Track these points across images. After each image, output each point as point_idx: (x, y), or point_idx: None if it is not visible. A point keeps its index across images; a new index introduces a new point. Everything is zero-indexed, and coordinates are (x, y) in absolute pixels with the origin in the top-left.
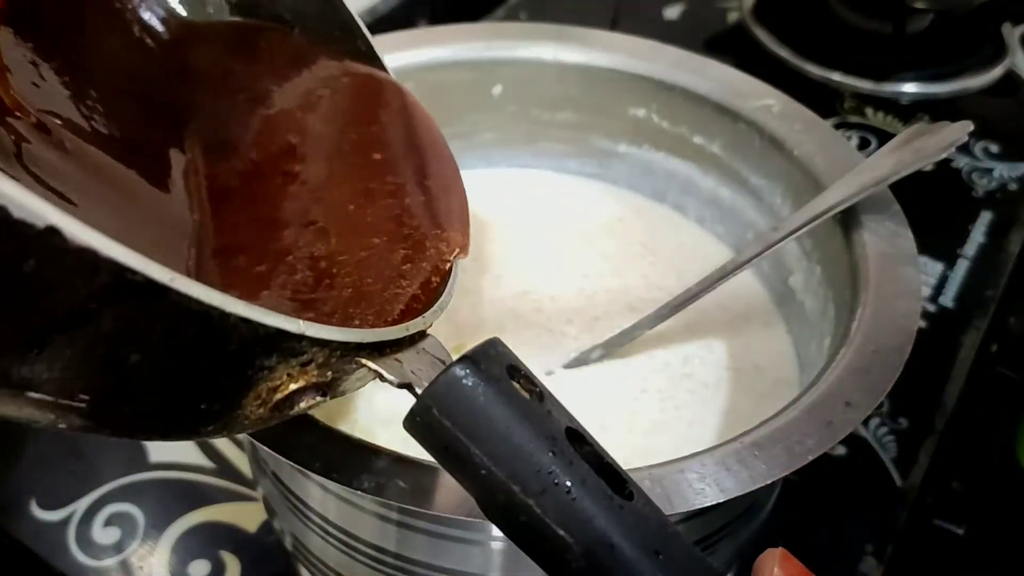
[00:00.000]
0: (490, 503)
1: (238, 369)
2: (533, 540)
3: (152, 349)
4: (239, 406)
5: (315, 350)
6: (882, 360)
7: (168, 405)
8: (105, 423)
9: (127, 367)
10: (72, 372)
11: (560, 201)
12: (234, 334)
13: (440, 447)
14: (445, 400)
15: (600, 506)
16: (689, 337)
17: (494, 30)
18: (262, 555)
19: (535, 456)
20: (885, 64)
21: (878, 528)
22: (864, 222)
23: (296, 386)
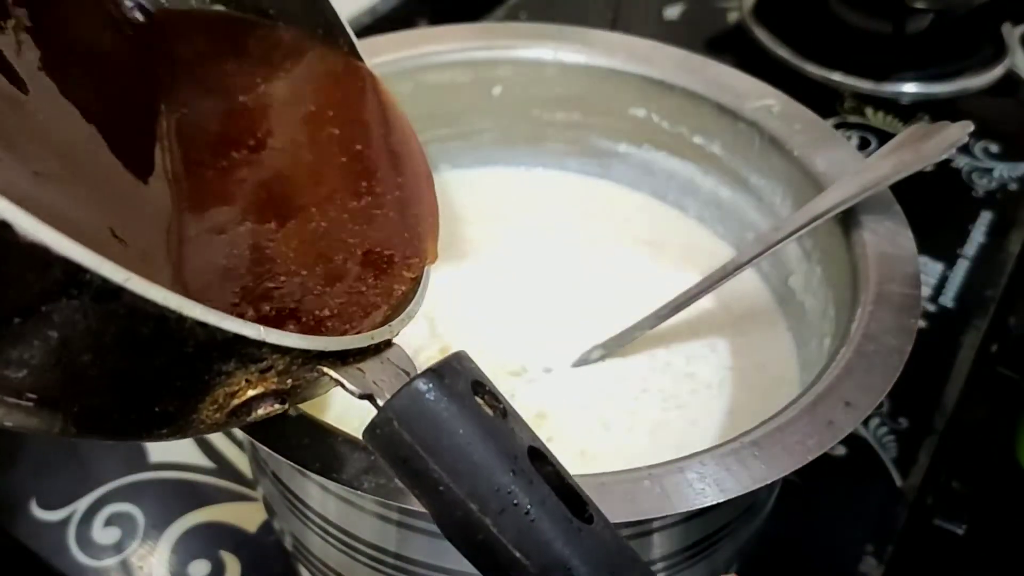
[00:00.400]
0: (447, 520)
1: (194, 373)
2: (488, 560)
3: (104, 349)
4: (194, 410)
5: (275, 357)
6: (882, 360)
7: (120, 406)
8: (52, 422)
9: (78, 367)
10: (19, 370)
11: (562, 199)
12: (191, 337)
13: (399, 460)
14: (406, 413)
15: (558, 529)
16: (692, 336)
17: (494, 30)
18: (262, 555)
19: (495, 475)
20: (885, 64)
21: (878, 528)
22: (864, 222)
23: (254, 392)
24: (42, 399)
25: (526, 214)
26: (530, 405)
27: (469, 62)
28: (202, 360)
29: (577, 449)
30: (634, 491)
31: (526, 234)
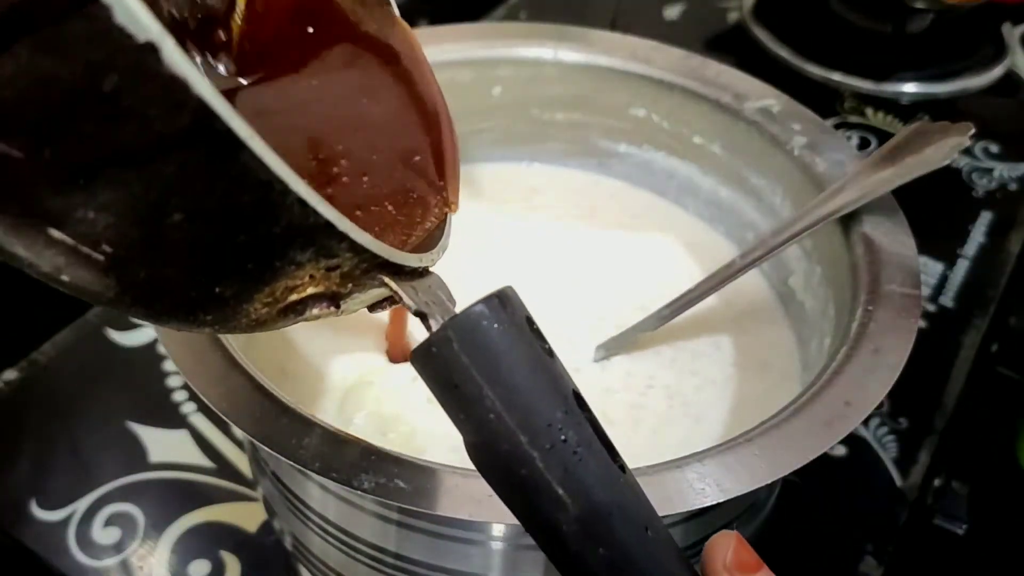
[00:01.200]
0: (489, 451)
1: (271, 256)
2: (527, 497)
3: (200, 211)
4: (250, 299)
5: (348, 256)
6: (882, 360)
7: (185, 279)
8: (109, 286)
9: (166, 226)
10: (108, 217)
11: (564, 196)
12: (285, 215)
13: (449, 384)
14: (468, 335)
15: (602, 472)
16: (697, 334)
17: (494, 30)
18: (262, 555)
19: (548, 409)
20: (885, 64)
21: (878, 528)
22: (864, 222)
23: (314, 291)
24: (115, 256)
25: (528, 210)
26: None
27: (469, 62)
28: (284, 243)
29: None
30: None
31: (527, 230)
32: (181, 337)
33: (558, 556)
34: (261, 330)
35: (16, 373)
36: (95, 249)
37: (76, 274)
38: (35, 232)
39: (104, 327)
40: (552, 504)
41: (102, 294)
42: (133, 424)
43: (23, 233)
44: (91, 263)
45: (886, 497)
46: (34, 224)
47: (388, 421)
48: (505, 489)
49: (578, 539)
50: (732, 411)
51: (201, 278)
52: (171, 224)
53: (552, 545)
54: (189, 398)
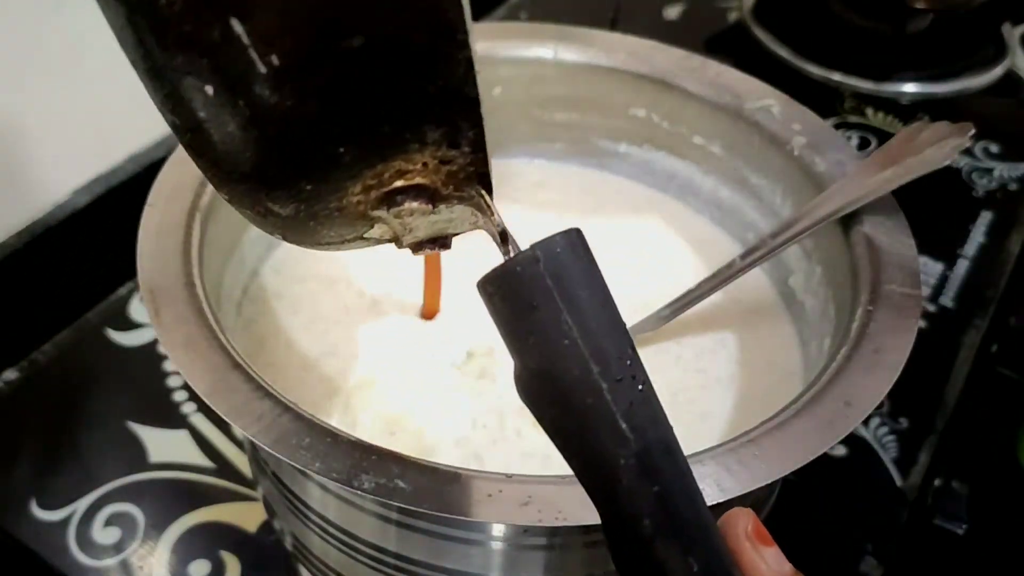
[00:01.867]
0: (555, 378)
1: (410, 120)
2: (588, 428)
3: (379, 37)
4: (360, 174)
5: (466, 151)
6: (882, 360)
7: (324, 120)
8: (250, 110)
9: (343, 45)
10: (291, 19)
11: (568, 192)
12: (451, 70)
13: (528, 305)
14: (556, 258)
15: (659, 411)
16: (702, 331)
17: (494, 30)
18: (262, 555)
19: (620, 343)
20: (885, 64)
21: (878, 528)
22: (864, 222)
23: (421, 181)
24: (279, 69)
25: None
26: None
27: None
28: (429, 109)
29: None
30: None
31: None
32: (181, 337)
33: (608, 493)
34: (333, 230)
35: (16, 373)
36: (263, 56)
37: (225, 85)
38: (214, 16)
39: (104, 327)
40: (613, 437)
41: (230, 126)
42: (133, 424)
43: (203, 15)
44: (249, 75)
45: (886, 497)
46: (218, 7)
47: (395, 420)
48: (563, 421)
49: (633, 474)
50: (737, 409)
51: (336, 128)
52: (347, 47)
53: (604, 481)
54: (189, 398)
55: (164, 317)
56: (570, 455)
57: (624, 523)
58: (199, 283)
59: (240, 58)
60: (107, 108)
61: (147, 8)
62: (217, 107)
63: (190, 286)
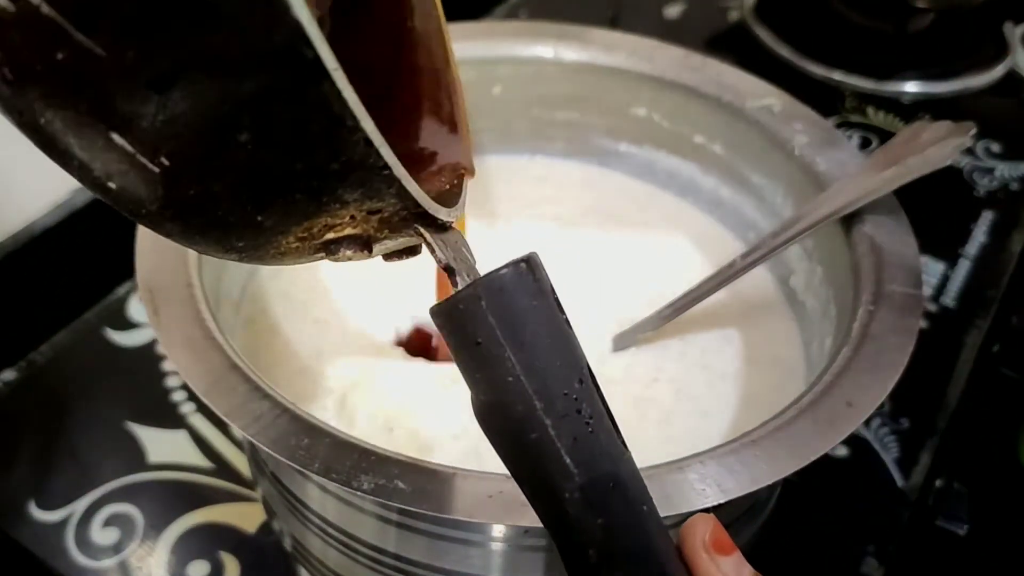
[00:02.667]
0: (502, 412)
1: (322, 189)
2: (534, 461)
3: (267, 134)
4: (288, 231)
5: (393, 202)
6: (884, 360)
7: (233, 201)
8: (156, 198)
9: (231, 144)
10: (175, 128)
11: (569, 187)
12: (347, 152)
13: (471, 341)
14: (497, 296)
15: (611, 446)
16: (706, 328)
17: (494, 29)
18: (261, 556)
19: (567, 378)
20: (887, 63)
21: (879, 529)
22: (865, 221)
23: (351, 232)
24: (171, 169)
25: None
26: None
27: (469, 61)
28: (338, 179)
29: None
30: None
31: (530, 224)
32: (180, 338)
33: (556, 522)
34: (284, 263)
35: (15, 373)
36: (153, 159)
37: (125, 182)
38: (96, 134)
39: (103, 327)
40: (558, 471)
41: (143, 205)
42: (132, 424)
43: (84, 133)
44: (144, 173)
45: (887, 498)
46: (98, 125)
47: (393, 417)
48: (512, 451)
49: (578, 507)
50: (741, 406)
51: (249, 203)
52: (236, 143)
53: (551, 511)
54: (188, 398)
55: (163, 317)
56: (520, 483)
57: (572, 552)
58: (198, 283)
59: (130, 161)
60: None
61: (32, 124)
62: (124, 198)
63: (189, 286)
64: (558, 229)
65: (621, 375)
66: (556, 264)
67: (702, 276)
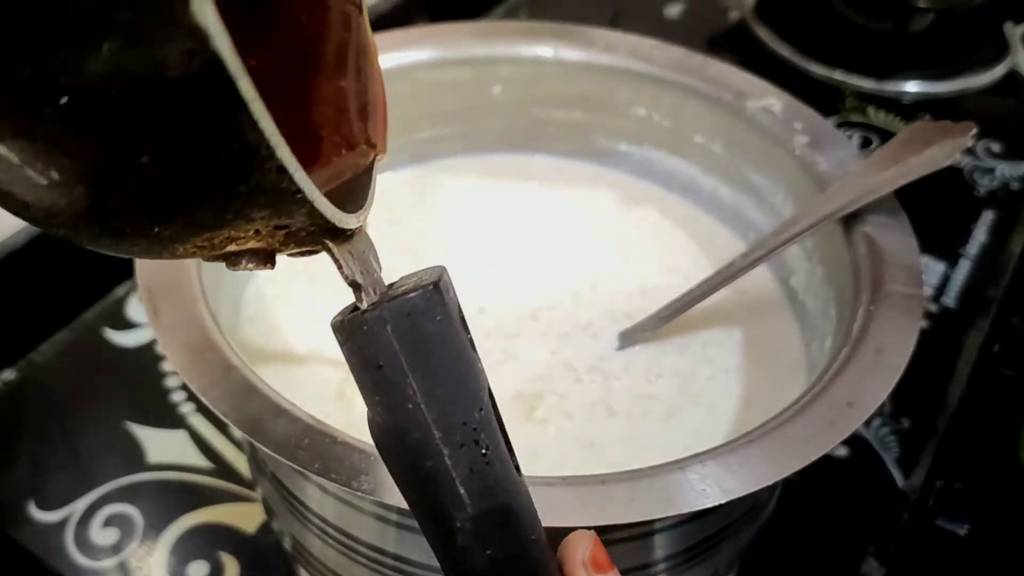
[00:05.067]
0: (398, 437)
1: (225, 209)
2: (427, 489)
3: (172, 158)
4: (186, 241)
5: (302, 220)
6: (884, 360)
7: (128, 215)
8: (42, 207)
9: (131, 164)
10: (71, 144)
11: (569, 185)
12: (257, 177)
13: (372, 364)
14: (403, 322)
15: (505, 475)
16: (708, 323)
17: (494, 28)
18: (261, 556)
19: (468, 408)
20: (887, 63)
21: (880, 529)
22: (866, 222)
23: (255, 246)
24: (61, 183)
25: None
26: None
27: (469, 60)
28: (244, 200)
29: (586, 438)
30: (635, 491)
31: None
32: (180, 338)
33: (443, 549)
34: (184, 259)
35: (14, 373)
36: (42, 173)
37: (16, 189)
38: None
39: (102, 327)
40: (451, 500)
41: (26, 211)
42: (131, 424)
43: None
44: (30, 183)
45: (888, 498)
46: None
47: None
48: (405, 476)
49: (468, 537)
50: (743, 401)
51: (145, 218)
52: (136, 164)
53: (440, 539)
54: (187, 398)
55: (162, 317)
56: (412, 508)
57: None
58: (197, 282)
59: (17, 172)
60: None
61: None
62: (13, 204)
63: (189, 286)
64: (558, 229)
65: (624, 372)
66: (557, 264)
67: (703, 276)
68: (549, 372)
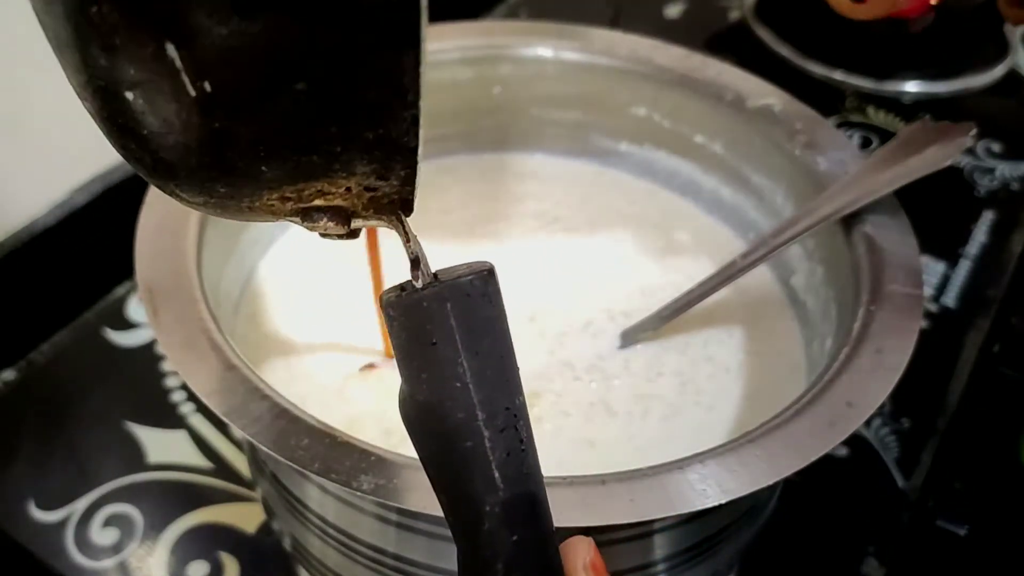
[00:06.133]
0: (440, 416)
1: (341, 156)
2: (460, 471)
3: (326, 87)
4: (280, 187)
5: (395, 184)
6: (884, 360)
7: (247, 146)
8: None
9: (285, 86)
10: (240, 55)
11: (569, 184)
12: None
13: (426, 342)
14: (464, 301)
15: (536, 465)
16: (709, 321)
17: (494, 28)
18: (261, 556)
19: (513, 393)
20: (887, 63)
21: (880, 529)
22: (866, 222)
23: (340, 203)
24: (209, 97)
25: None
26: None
27: (469, 60)
28: (365, 150)
29: (585, 438)
30: (635, 491)
31: (533, 221)
32: (179, 337)
33: (467, 532)
34: (246, 219)
35: (14, 373)
36: (196, 82)
37: (149, 97)
38: (149, 39)
39: (102, 327)
40: (484, 483)
41: (150, 127)
42: (131, 424)
43: (135, 35)
44: (178, 95)
45: (888, 498)
46: (156, 31)
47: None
48: (439, 455)
49: (496, 521)
50: (745, 400)
51: (265, 152)
52: (290, 90)
53: (466, 521)
54: (187, 398)
55: (162, 317)
56: (440, 489)
57: (479, 562)
58: (197, 282)
59: (169, 78)
60: None
61: (77, 14)
62: (131, 112)
63: (188, 285)
64: (559, 229)
65: (623, 371)
66: (556, 263)
67: (703, 275)
68: (547, 371)
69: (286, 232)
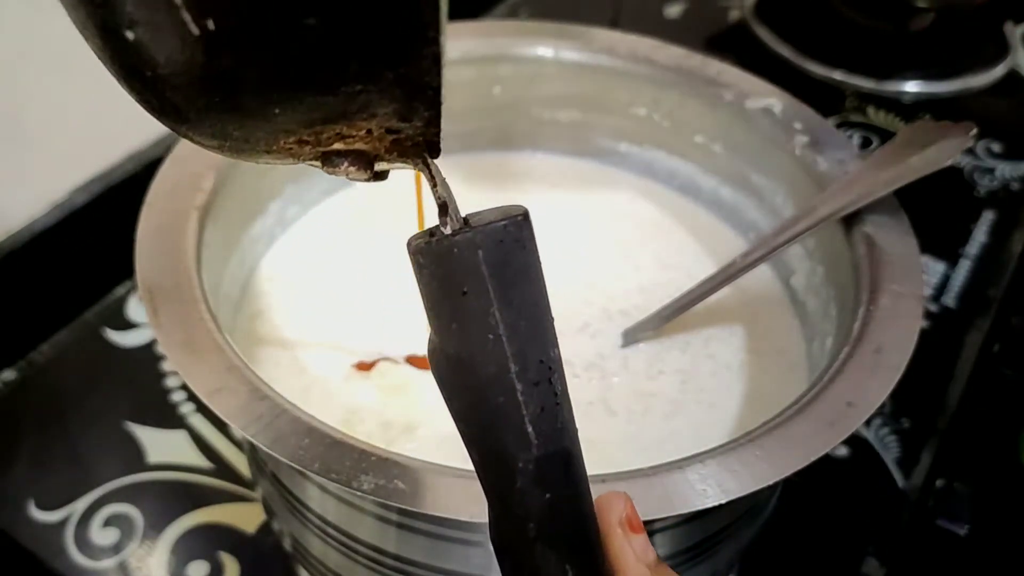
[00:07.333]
0: (470, 370)
1: (359, 96)
2: (492, 427)
3: (338, 23)
4: (295, 130)
5: (419, 125)
6: (884, 360)
7: (258, 85)
8: (171, 63)
9: (296, 24)
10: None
11: (568, 183)
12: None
13: (456, 291)
14: (498, 248)
15: (571, 420)
16: (710, 320)
17: (494, 28)
18: (261, 556)
19: (544, 347)
20: (887, 63)
21: (880, 529)
22: (866, 222)
23: (362, 147)
24: (215, 35)
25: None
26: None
27: (469, 60)
28: (383, 90)
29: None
30: (635, 491)
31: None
32: (180, 338)
33: (499, 490)
34: (265, 161)
35: (14, 373)
36: (199, 20)
37: (149, 36)
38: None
39: (102, 327)
40: (517, 440)
41: (153, 67)
42: (131, 424)
43: None
44: (180, 33)
45: (888, 498)
46: None
47: (394, 415)
48: (470, 412)
49: (529, 478)
50: (745, 398)
51: (275, 92)
52: (299, 26)
53: (500, 479)
54: (187, 398)
55: (162, 317)
56: (471, 445)
57: (511, 521)
58: (197, 282)
59: (169, 15)
60: (105, 106)
61: None
62: (132, 51)
63: (188, 285)
64: (559, 229)
65: (624, 369)
66: (559, 263)
67: (703, 274)
68: None
69: (288, 231)
